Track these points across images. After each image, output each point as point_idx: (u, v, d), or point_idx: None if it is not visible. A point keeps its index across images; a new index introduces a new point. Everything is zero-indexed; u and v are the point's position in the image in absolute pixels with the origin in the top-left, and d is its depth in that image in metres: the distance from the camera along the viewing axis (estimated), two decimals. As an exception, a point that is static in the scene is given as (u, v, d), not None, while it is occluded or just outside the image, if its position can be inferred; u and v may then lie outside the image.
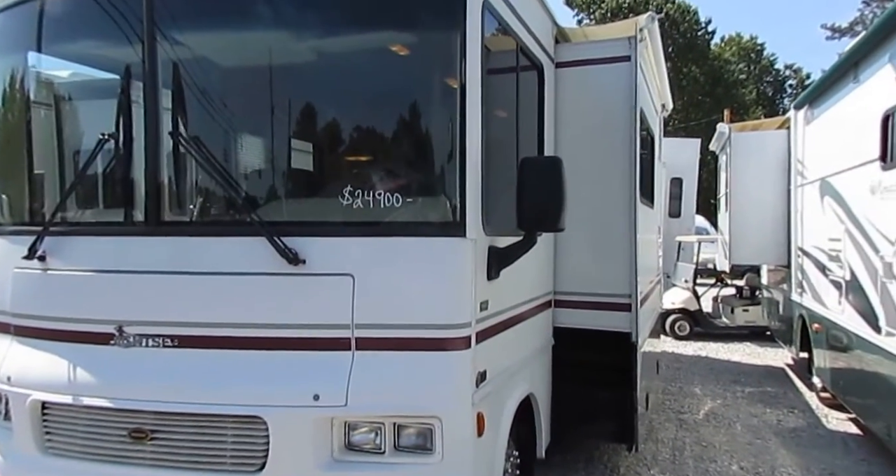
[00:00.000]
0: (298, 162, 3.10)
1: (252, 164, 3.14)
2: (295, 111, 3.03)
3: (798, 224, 7.08)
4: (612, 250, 4.25)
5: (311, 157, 3.11)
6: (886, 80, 4.53)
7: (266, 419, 2.69)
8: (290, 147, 3.06)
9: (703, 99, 31.80)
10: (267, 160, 3.10)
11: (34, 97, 3.36)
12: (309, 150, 3.10)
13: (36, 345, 3.00)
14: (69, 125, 3.40)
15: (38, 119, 3.36)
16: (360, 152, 3.05)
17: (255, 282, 2.78)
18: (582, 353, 4.24)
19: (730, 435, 5.75)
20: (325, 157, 3.11)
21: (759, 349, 9.84)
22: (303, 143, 3.10)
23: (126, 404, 2.78)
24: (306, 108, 3.04)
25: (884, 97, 4.55)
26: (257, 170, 3.15)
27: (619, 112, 4.19)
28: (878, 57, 4.74)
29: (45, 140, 3.36)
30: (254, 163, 3.14)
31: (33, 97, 3.36)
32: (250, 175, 3.14)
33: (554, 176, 2.93)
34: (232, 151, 3.09)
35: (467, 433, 2.84)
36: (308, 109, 3.04)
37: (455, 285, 2.82)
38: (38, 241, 2.96)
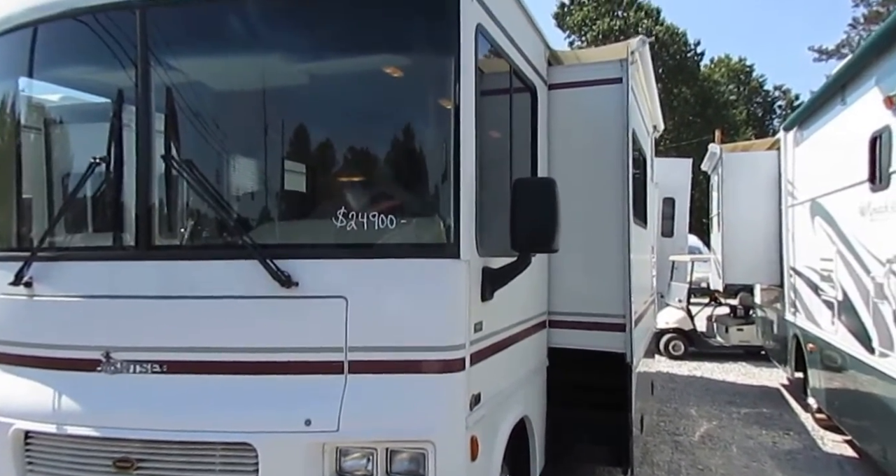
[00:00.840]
0: (291, 184, 3.09)
1: (244, 186, 3.13)
2: (288, 134, 3.03)
3: (790, 244, 7.14)
4: (606, 270, 4.26)
5: (304, 179, 3.10)
6: (873, 102, 4.60)
7: (255, 445, 2.64)
8: (282, 169, 3.05)
9: (694, 119, 32.21)
10: (259, 182, 3.10)
11: (24, 121, 3.35)
12: (302, 172, 3.10)
13: (20, 372, 2.95)
14: (59, 149, 3.40)
15: (27, 143, 3.35)
16: (354, 174, 3.05)
17: (247, 305, 2.76)
18: (576, 374, 4.22)
19: (726, 457, 5.72)
20: (318, 179, 3.11)
21: (754, 369, 9.83)
22: (296, 165, 3.10)
23: (112, 433, 2.72)
24: (299, 131, 3.05)
25: (871, 119, 4.61)
26: (249, 192, 3.14)
27: (611, 133, 4.23)
28: (865, 80, 4.82)
29: (34, 164, 3.35)
30: (246, 185, 3.13)
31: (24, 121, 3.35)
32: (242, 197, 3.13)
33: (548, 197, 2.94)
34: (224, 174, 3.08)
35: (461, 458, 2.80)
36: (301, 132, 3.05)
37: (449, 307, 2.80)
38: (26, 268, 2.93)
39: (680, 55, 33.52)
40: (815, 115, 6.19)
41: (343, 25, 2.88)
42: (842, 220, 5.31)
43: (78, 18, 2.98)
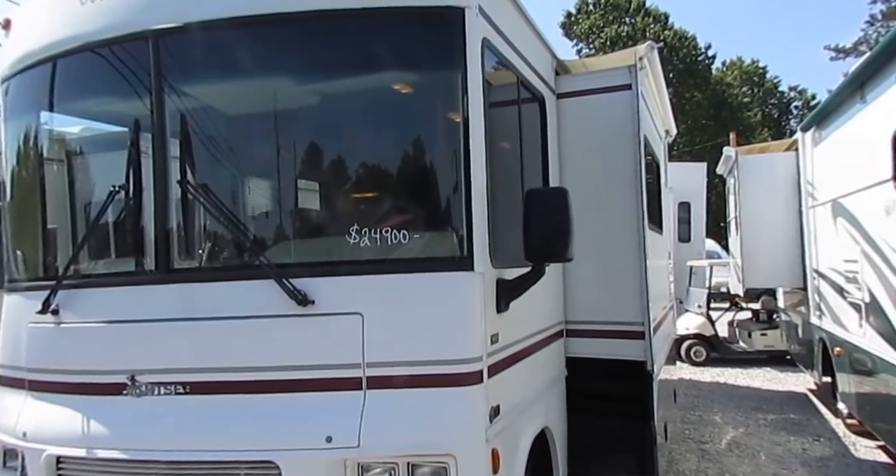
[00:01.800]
0: (305, 203, 3.14)
1: (259, 207, 3.19)
2: (300, 154, 3.09)
3: (812, 246, 7.05)
4: (622, 277, 4.24)
5: (318, 198, 3.15)
6: (894, 99, 4.54)
7: (279, 463, 2.66)
8: (296, 189, 3.11)
9: (708, 123, 32.04)
10: (274, 202, 3.16)
11: (46, 154, 3.46)
12: (315, 190, 3.15)
13: (50, 399, 3.02)
14: (79, 180, 3.50)
15: (49, 175, 3.46)
16: (366, 191, 3.09)
17: (265, 324, 2.80)
18: (596, 383, 4.20)
19: (754, 465, 5.63)
20: (331, 197, 3.16)
21: (779, 374, 9.68)
22: (309, 184, 3.15)
23: (140, 455, 2.77)
24: (311, 151, 3.10)
25: (892, 117, 4.55)
26: (264, 212, 3.20)
27: (622, 139, 4.23)
28: (885, 77, 4.76)
29: (56, 195, 3.45)
30: (261, 206, 3.19)
31: (45, 154, 3.46)
32: (258, 218, 3.18)
33: (560, 207, 2.95)
34: (239, 196, 3.15)
35: (482, 471, 2.80)
36: (313, 151, 3.11)
37: (465, 320, 2.82)
38: (52, 296, 3.02)
39: (690, 59, 33.45)
40: (834, 115, 6.13)
41: (351, 46, 2.94)
42: (866, 221, 5.24)
43: (94, 51, 3.07)
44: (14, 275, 3.37)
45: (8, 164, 3.53)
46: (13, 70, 3.40)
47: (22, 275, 3.40)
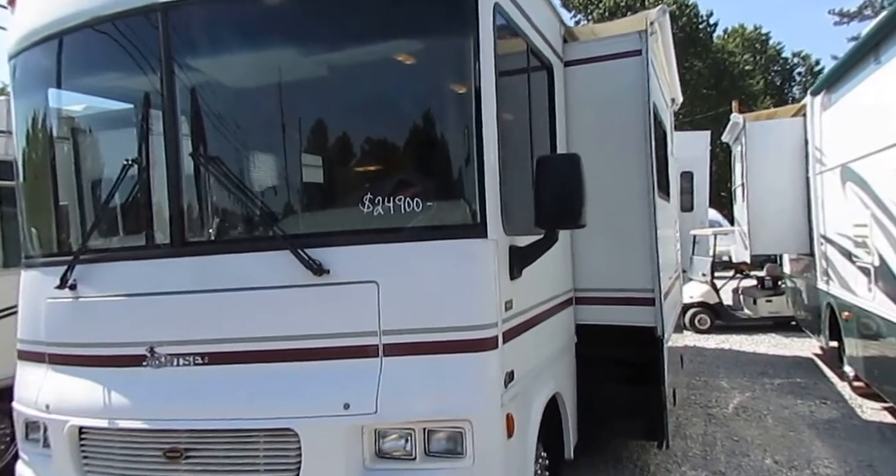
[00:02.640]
0: (317, 174, 3.13)
1: (272, 179, 3.18)
2: (311, 124, 3.07)
3: (819, 211, 7.01)
4: (632, 244, 4.24)
5: (330, 168, 3.14)
6: None
7: (297, 431, 2.71)
8: (308, 160, 3.09)
9: (709, 92, 31.61)
10: (286, 174, 3.14)
11: (57, 132, 3.44)
12: (328, 161, 3.14)
13: (71, 372, 3.07)
14: (92, 156, 3.50)
15: (61, 152, 3.44)
16: (378, 160, 3.08)
17: (281, 294, 2.81)
18: (606, 349, 4.23)
19: (762, 428, 5.69)
20: (343, 167, 3.15)
21: (784, 340, 9.73)
22: (320, 155, 3.14)
23: (160, 425, 2.82)
24: (322, 121, 3.08)
25: None
26: (277, 184, 3.19)
27: (632, 107, 4.19)
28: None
29: (69, 172, 3.44)
30: (274, 178, 3.17)
31: (56, 132, 3.44)
32: (271, 190, 3.17)
33: (574, 173, 2.93)
34: (251, 168, 3.14)
35: (497, 435, 2.84)
36: (324, 122, 3.08)
37: (480, 286, 2.83)
38: (69, 271, 3.04)
39: (691, 27, 32.86)
40: (846, 78, 6.01)
41: (362, 14, 2.90)
42: (877, 184, 5.18)
43: (101, 26, 3.04)
44: (30, 251, 3.39)
45: (19, 142, 3.51)
46: (20, 47, 3.36)
47: (38, 251, 3.42)
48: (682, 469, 4.78)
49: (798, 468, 4.76)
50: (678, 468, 4.80)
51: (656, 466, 4.81)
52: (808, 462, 4.87)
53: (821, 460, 4.91)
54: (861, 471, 4.70)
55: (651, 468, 4.79)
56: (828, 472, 4.70)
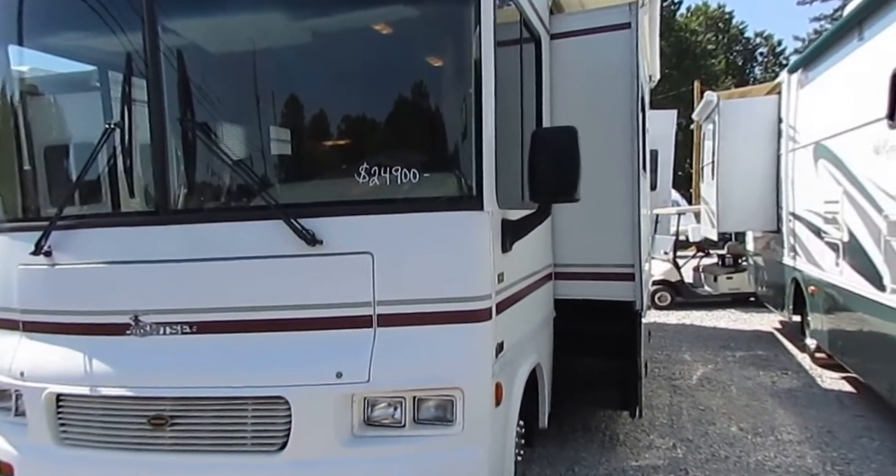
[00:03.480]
0: (312, 142, 3.07)
1: (264, 147, 3.09)
2: (306, 90, 2.99)
3: (789, 189, 7.20)
4: (616, 219, 4.29)
5: (326, 137, 3.07)
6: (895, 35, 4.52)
7: (288, 399, 2.71)
8: (303, 127, 3.03)
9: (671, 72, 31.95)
10: (279, 142, 3.06)
11: (27, 94, 3.27)
12: (322, 130, 3.07)
13: (48, 339, 2.98)
14: (68, 120, 3.33)
15: (34, 115, 3.27)
16: (375, 129, 3.04)
17: (273, 264, 2.78)
18: (584, 323, 4.31)
19: (726, 398, 5.92)
20: (339, 136, 3.08)
21: (744, 315, 10.10)
22: (315, 124, 3.08)
23: (145, 392, 2.79)
24: (318, 88, 3.01)
25: (892, 53, 4.54)
26: (270, 152, 3.11)
27: (619, 82, 4.20)
28: (887, 12, 4.70)
29: (42, 136, 3.28)
30: (266, 145, 3.09)
31: (25, 94, 3.27)
32: (262, 158, 3.09)
33: (570, 146, 2.95)
34: (242, 135, 3.06)
35: (487, 403, 2.90)
36: (320, 88, 3.01)
37: (475, 258, 2.85)
38: (45, 237, 2.93)
39: (656, 5, 32.97)
40: (825, 55, 6.10)
41: None
42: (851, 161, 5.31)
43: None
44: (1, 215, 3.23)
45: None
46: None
47: (8, 216, 3.26)
48: (650, 437, 4.96)
49: (762, 434, 4.99)
50: (646, 436, 4.97)
51: (625, 435, 4.98)
52: (772, 429, 5.11)
53: (784, 427, 5.15)
54: (821, 436, 4.95)
55: (620, 437, 4.95)
56: (790, 437, 4.93)
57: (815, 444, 4.79)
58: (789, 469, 4.37)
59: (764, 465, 4.43)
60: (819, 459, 4.52)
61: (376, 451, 2.80)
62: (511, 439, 3.26)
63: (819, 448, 4.73)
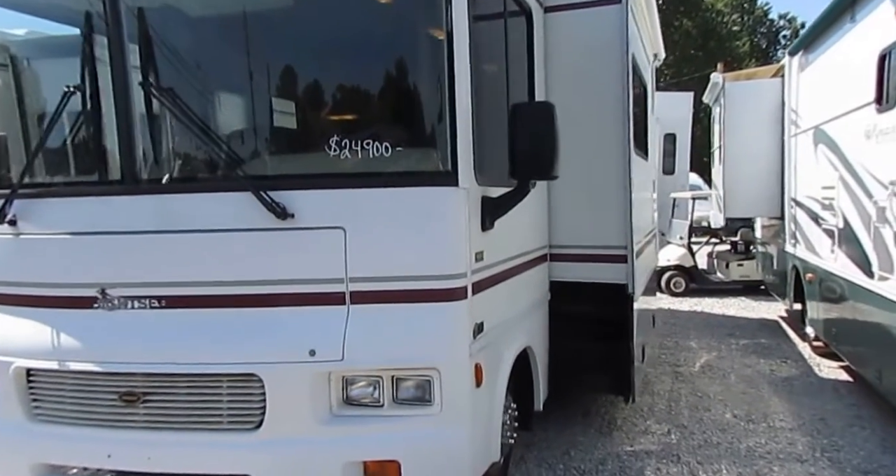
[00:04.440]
0: (282, 113, 3.02)
1: (234, 116, 3.06)
2: (276, 61, 2.93)
3: (791, 175, 7.09)
4: (606, 200, 4.24)
5: (296, 109, 3.03)
6: (884, 16, 4.43)
7: (262, 376, 2.70)
8: (273, 98, 2.98)
9: (696, 53, 31.45)
10: (250, 112, 3.02)
11: None
12: (292, 100, 3.03)
13: (14, 312, 2.97)
14: (34, 84, 3.29)
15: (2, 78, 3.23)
16: (347, 102, 2.98)
17: (243, 238, 2.75)
18: (578, 306, 4.28)
19: (724, 385, 5.88)
20: (310, 108, 3.03)
21: (753, 303, 10.00)
22: (285, 93, 3.03)
23: (115, 367, 2.77)
24: (288, 58, 2.94)
25: (881, 36, 4.46)
26: (240, 122, 3.07)
27: (610, 58, 4.12)
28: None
29: (7, 101, 3.24)
30: (236, 115, 3.05)
31: None
32: (232, 127, 3.06)
33: (546, 122, 2.90)
34: (210, 103, 3.01)
35: (465, 384, 2.87)
36: (290, 59, 2.94)
37: (449, 235, 2.81)
38: (8, 205, 2.89)
39: (681, -16, 32.45)
40: (822, 37, 5.99)
41: None
42: (846, 146, 5.24)
43: None
44: None
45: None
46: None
47: None
48: (647, 423, 4.93)
49: (755, 421, 4.95)
50: (643, 422, 4.95)
51: (623, 420, 4.96)
52: (765, 416, 5.06)
53: (777, 414, 5.10)
54: (814, 423, 4.90)
55: (618, 421, 4.93)
56: (782, 424, 4.89)
57: (806, 432, 4.75)
58: (779, 455, 4.34)
59: (755, 452, 4.39)
60: (809, 446, 4.49)
61: (355, 431, 2.79)
62: (497, 421, 3.24)
63: (810, 435, 4.68)
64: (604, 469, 4.13)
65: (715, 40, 32.96)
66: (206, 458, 2.76)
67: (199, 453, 2.76)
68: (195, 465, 2.78)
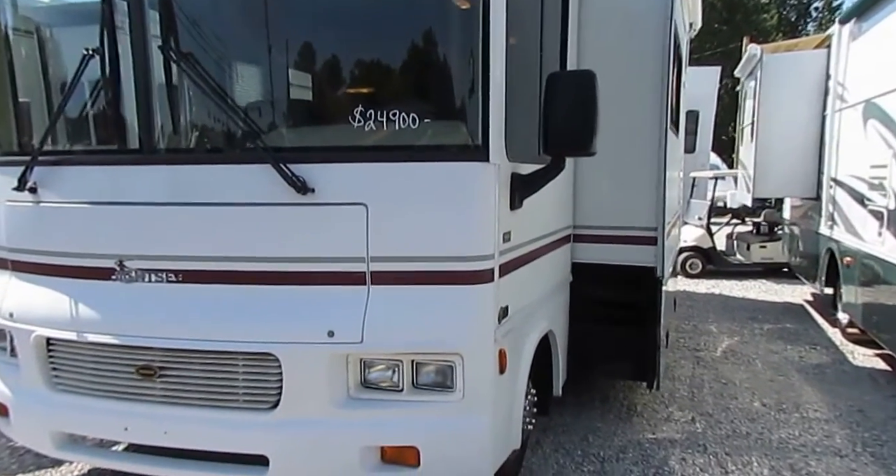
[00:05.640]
0: (306, 83, 2.87)
1: (254, 85, 2.91)
2: (299, 29, 2.77)
3: (832, 152, 6.81)
4: (639, 179, 4.08)
5: (321, 78, 2.87)
6: None
7: (278, 356, 2.62)
8: (295, 67, 2.83)
9: (720, 27, 30.56)
10: (271, 81, 2.87)
11: (17, 24, 3.11)
12: (316, 69, 2.87)
13: (36, 280, 2.92)
14: (57, 51, 3.17)
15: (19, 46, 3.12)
16: (373, 71, 2.82)
17: (261, 213, 2.65)
18: (602, 289, 4.16)
19: (750, 372, 5.75)
20: (333, 78, 2.87)
21: (775, 286, 9.83)
22: (308, 62, 2.87)
23: (132, 341, 2.71)
24: (312, 24, 2.78)
25: None
26: (261, 92, 2.92)
27: (651, 27, 3.92)
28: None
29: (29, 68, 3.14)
30: (256, 84, 2.91)
31: (16, 24, 3.11)
32: (252, 97, 2.92)
33: (586, 93, 2.73)
34: (230, 72, 2.86)
35: (489, 371, 2.79)
36: (314, 25, 2.78)
37: (478, 214, 2.69)
38: (27, 172, 2.82)
39: (708, -47, 31.38)
40: (881, 3, 5.61)
41: None
42: None
43: None
44: None
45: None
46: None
47: (3, 150, 3.14)
48: (668, 410, 4.83)
49: (786, 411, 4.82)
50: (665, 409, 4.85)
51: (643, 406, 4.86)
52: (797, 406, 4.93)
53: (810, 404, 4.97)
54: (851, 415, 4.75)
55: (638, 408, 4.83)
56: (817, 415, 4.75)
57: (844, 424, 4.60)
58: (815, 448, 4.20)
59: (788, 444, 4.27)
60: (849, 440, 4.34)
61: (372, 414, 2.72)
62: (519, 408, 3.16)
63: (849, 428, 4.54)
64: (625, 457, 4.04)
65: (741, 13, 31.99)
66: (222, 436, 2.71)
67: (215, 431, 2.71)
68: (211, 443, 2.73)
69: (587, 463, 3.94)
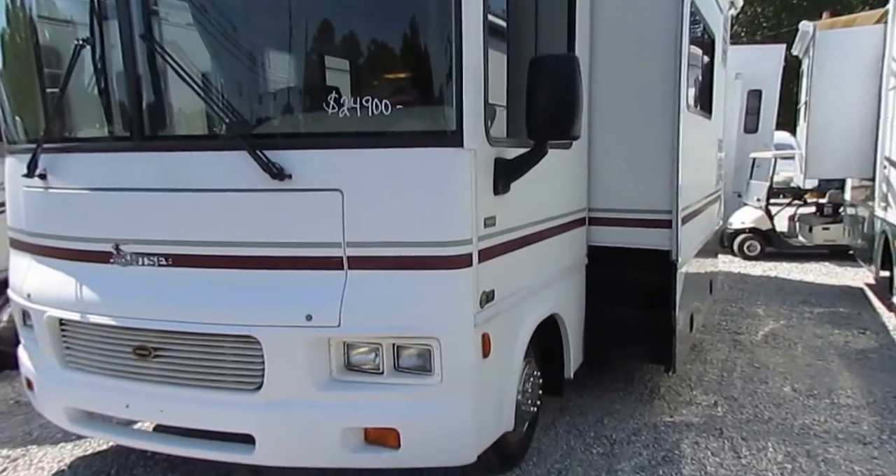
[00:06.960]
0: (283, 69, 2.76)
1: (232, 72, 2.80)
2: (276, 15, 2.64)
3: (888, 131, 6.05)
4: (652, 162, 3.74)
5: (297, 65, 2.74)
6: None
7: (259, 339, 2.54)
8: (270, 54, 2.73)
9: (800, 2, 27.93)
10: (248, 69, 2.75)
11: (37, 14, 3.12)
12: (293, 56, 2.75)
13: (48, 263, 2.96)
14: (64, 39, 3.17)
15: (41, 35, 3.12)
16: (346, 55, 2.66)
17: (241, 199, 2.56)
18: (619, 272, 3.86)
19: (788, 356, 5.22)
20: (311, 64, 2.74)
21: (837, 269, 8.94)
22: (286, 49, 2.76)
23: (128, 322, 2.70)
24: (289, 14, 2.63)
25: None
26: (237, 78, 2.82)
27: (663, 7, 3.54)
28: None
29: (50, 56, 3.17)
30: (233, 71, 2.80)
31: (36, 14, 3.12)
32: (230, 84, 2.83)
33: (567, 77, 2.48)
34: (209, 60, 2.78)
35: (470, 355, 2.61)
36: (291, 15, 2.63)
37: (453, 200, 2.49)
38: (35, 159, 2.84)
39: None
40: None
41: None
42: None
43: None
44: (13, 137, 3.18)
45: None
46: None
47: (21, 138, 3.17)
48: (692, 393, 4.46)
49: (817, 396, 4.34)
50: (689, 391, 4.48)
51: (667, 389, 4.51)
52: (830, 391, 4.43)
53: (843, 390, 4.45)
54: (886, 402, 4.23)
55: (661, 390, 4.49)
56: (848, 401, 4.26)
57: (875, 410, 4.09)
58: (838, 435, 3.75)
59: (810, 429, 3.83)
60: (876, 427, 3.85)
61: (355, 396, 2.61)
62: (511, 392, 2.98)
63: (879, 415, 4.03)
64: (636, 439, 3.75)
65: (822, -14, 29.10)
66: (213, 416, 2.68)
67: (206, 410, 2.68)
68: (202, 421, 2.71)
69: (597, 445, 3.68)
